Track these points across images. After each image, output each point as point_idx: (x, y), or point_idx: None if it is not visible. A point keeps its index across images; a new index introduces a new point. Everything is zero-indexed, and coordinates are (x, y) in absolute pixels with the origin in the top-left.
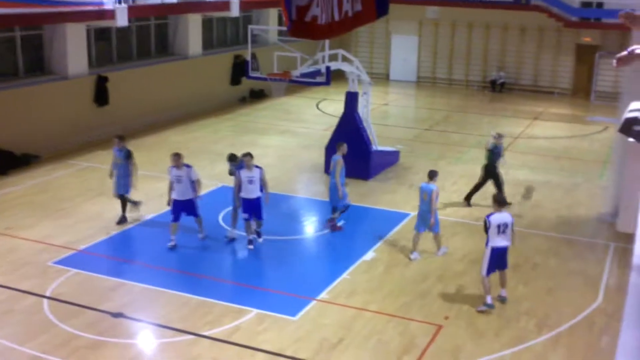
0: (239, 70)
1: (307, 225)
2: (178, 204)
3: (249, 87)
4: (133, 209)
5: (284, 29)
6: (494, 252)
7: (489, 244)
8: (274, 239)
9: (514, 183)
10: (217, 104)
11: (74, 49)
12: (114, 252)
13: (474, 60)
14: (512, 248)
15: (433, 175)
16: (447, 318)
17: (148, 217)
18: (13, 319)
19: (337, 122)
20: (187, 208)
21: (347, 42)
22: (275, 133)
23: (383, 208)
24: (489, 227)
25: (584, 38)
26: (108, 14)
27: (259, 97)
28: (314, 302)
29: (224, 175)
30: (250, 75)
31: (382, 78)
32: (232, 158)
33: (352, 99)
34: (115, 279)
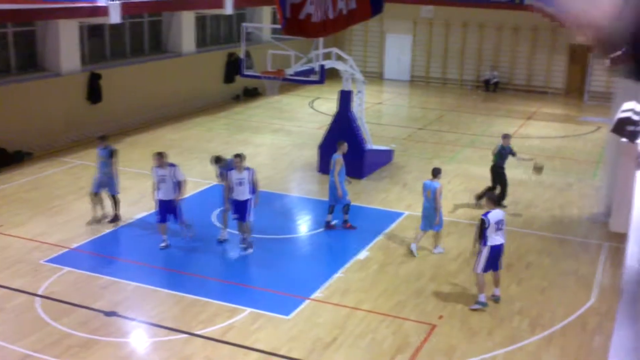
0: (233, 68)
1: (300, 224)
2: (163, 204)
3: (243, 85)
4: (96, 210)
5: (278, 27)
6: (493, 250)
7: (487, 243)
8: (268, 238)
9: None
10: (210, 102)
11: (67, 46)
12: (107, 250)
13: (468, 60)
14: (506, 247)
15: (437, 173)
16: (440, 317)
17: (141, 215)
18: (4, 318)
19: (331, 120)
20: (171, 209)
21: (341, 40)
22: (269, 131)
23: (377, 207)
24: (488, 225)
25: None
26: (101, 11)
27: (253, 95)
28: (308, 301)
29: None
30: (244, 74)
31: (376, 77)
32: (217, 160)
33: (346, 98)
34: (108, 278)
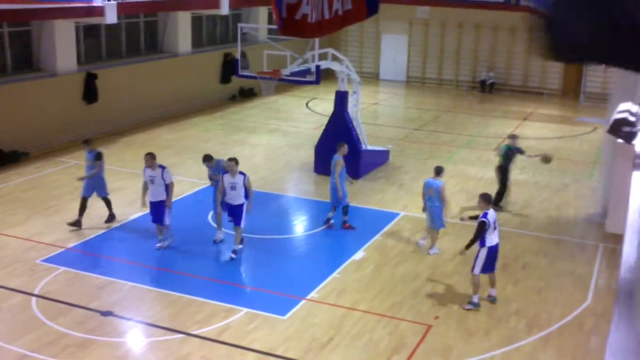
0: (229, 69)
1: (296, 225)
2: (152, 205)
3: (239, 85)
4: (81, 214)
5: (274, 27)
6: (491, 250)
7: (486, 244)
8: (264, 238)
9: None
10: (207, 102)
11: (63, 46)
12: (103, 250)
13: (464, 61)
14: (502, 247)
15: (439, 171)
16: (437, 318)
17: (136, 215)
18: (1, 317)
19: (327, 121)
20: (158, 210)
21: (337, 41)
22: (265, 132)
23: (373, 207)
24: (489, 226)
25: None
26: (97, 11)
27: (249, 95)
28: (304, 301)
29: None
30: (240, 74)
31: (371, 77)
32: (206, 159)
33: (341, 98)
34: (105, 277)
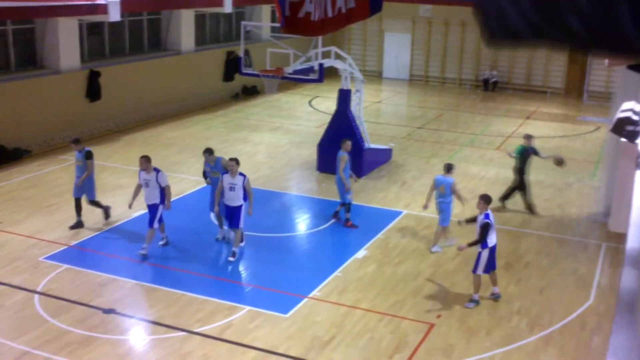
0: (232, 67)
1: (298, 223)
2: (148, 208)
3: (242, 83)
4: (80, 214)
5: (277, 26)
6: (492, 250)
7: (488, 244)
8: (266, 236)
9: (504, 182)
10: (209, 100)
11: (66, 43)
12: (105, 248)
13: (467, 59)
14: (505, 246)
15: (450, 168)
16: (439, 317)
17: (139, 213)
18: (3, 315)
19: (329, 119)
20: (149, 213)
21: (340, 39)
22: (268, 130)
23: (375, 206)
24: (492, 226)
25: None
26: (100, 9)
27: (252, 93)
28: (306, 299)
29: None
30: (243, 72)
31: (375, 76)
32: (208, 151)
33: (344, 97)
34: (107, 275)
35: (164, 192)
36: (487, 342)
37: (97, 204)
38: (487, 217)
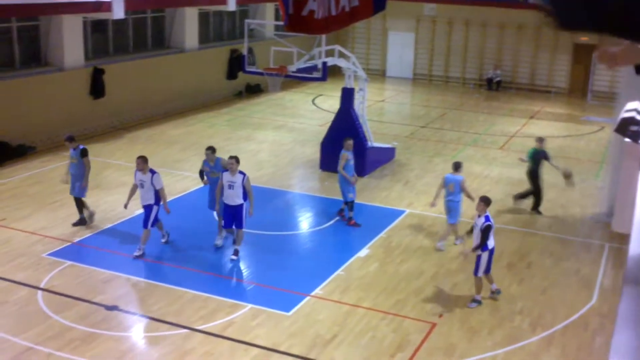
0: (236, 65)
1: (301, 221)
2: (143, 209)
3: (246, 81)
4: (82, 211)
5: (281, 24)
6: (492, 252)
7: (489, 246)
8: (269, 235)
9: (507, 182)
10: (213, 98)
11: (70, 41)
12: (108, 245)
13: (471, 58)
14: (507, 246)
15: (458, 166)
16: (441, 316)
17: (142, 211)
18: (7, 311)
19: (333, 117)
20: (144, 213)
21: (343, 37)
22: (271, 128)
23: (378, 205)
24: (493, 228)
25: (582, 37)
26: (104, 6)
27: (255, 91)
28: (308, 298)
29: None
30: (247, 70)
31: (378, 74)
32: (211, 149)
33: (348, 95)
34: (110, 272)
35: (158, 194)
36: (489, 341)
37: (82, 204)
38: (487, 219)
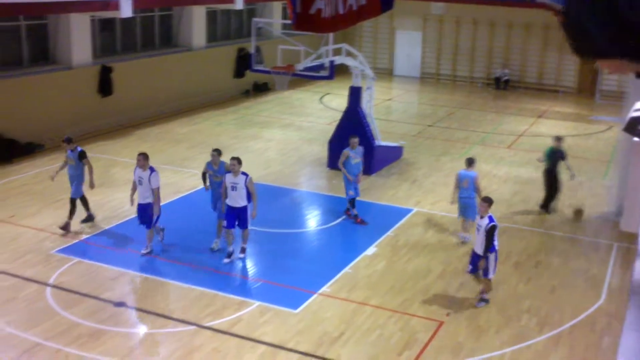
0: (243, 63)
1: (309, 219)
2: (139, 207)
3: (253, 80)
4: (87, 209)
5: (289, 22)
6: (497, 252)
7: (495, 247)
8: (276, 232)
9: (515, 181)
10: (220, 97)
11: (78, 39)
12: (116, 242)
13: (478, 57)
14: (515, 245)
15: (471, 162)
16: (448, 315)
17: None
18: (16, 306)
19: (340, 116)
20: (145, 213)
21: (351, 36)
22: (278, 126)
23: (385, 203)
24: (497, 229)
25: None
26: (112, 5)
27: (263, 90)
28: (315, 295)
29: None
30: (254, 68)
31: (385, 73)
32: (218, 151)
33: (355, 94)
34: (118, 269)
35: (153, 193)
36: (496, 340)
37: (74, 206)
38: (491, 220)
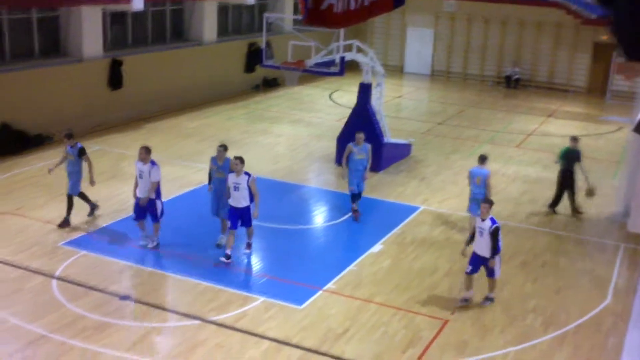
0: (254, 58)
1: (316, 215)
2: (138, 201)
3: (263, 75)
4: (90, 202)
5: (300, 18)
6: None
7: (501, 248)
8: (283, 228)
9: (523, 180)
10: (230, 91)
11: (89, 32)
12: (123, 235)
13: (489, 55)
14: (521, 245)
15: (484, 159)
16: (453, 313)
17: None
18: (22, 298)
19: (349, 113)
20: (148, 208)
21: (362, 32)
22: (288, 122)
23: (393, 200)
24: (500, 230)
25: (602, 36)
26: None
27: (273, 85)
28: (320, 292)
29: None
30: (265, 64)
31: (396, 70)
32: (224, 146)
33: (365, 90)
34: (123, 262)
35: (152, 186)
36: (501, 339)
37: (70, 202)
38: (494, 221)
